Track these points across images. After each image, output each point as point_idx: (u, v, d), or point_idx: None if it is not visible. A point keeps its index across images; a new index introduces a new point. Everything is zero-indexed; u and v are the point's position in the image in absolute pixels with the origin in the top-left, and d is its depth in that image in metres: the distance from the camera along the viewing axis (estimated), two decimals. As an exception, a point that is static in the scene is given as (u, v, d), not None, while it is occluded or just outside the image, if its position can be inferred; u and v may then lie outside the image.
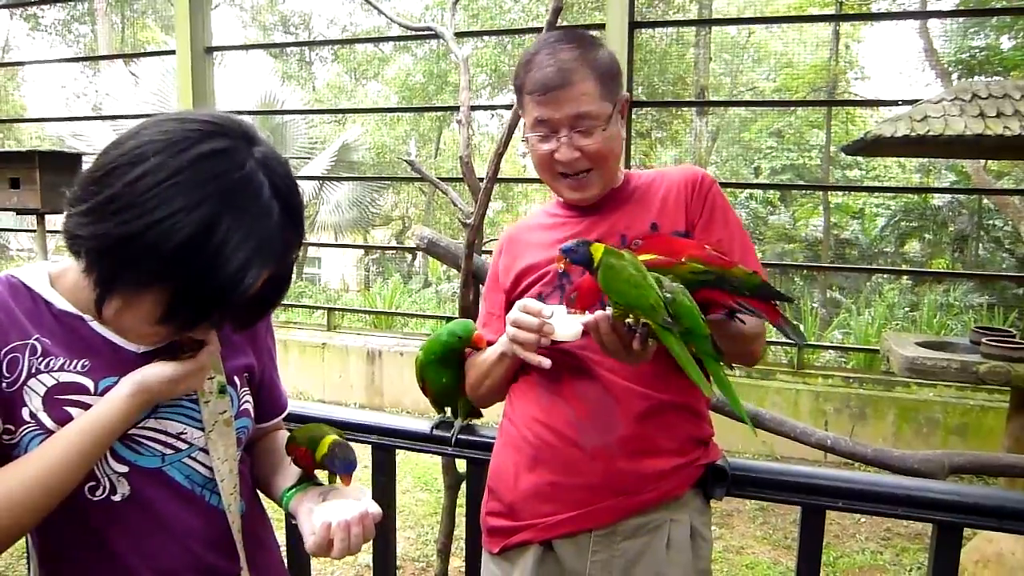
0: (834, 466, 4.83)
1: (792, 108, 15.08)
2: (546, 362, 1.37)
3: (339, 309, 9.01)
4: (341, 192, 13.61)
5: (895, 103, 5.02)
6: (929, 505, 1.42)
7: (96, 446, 0.96)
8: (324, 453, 1.14)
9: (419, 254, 16.09)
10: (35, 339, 0.97)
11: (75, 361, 1.00)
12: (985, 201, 12.31)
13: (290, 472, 1.23)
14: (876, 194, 14.60)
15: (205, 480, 1.09)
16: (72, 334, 1.01)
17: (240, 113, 1.05)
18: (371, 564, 1.89)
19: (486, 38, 16.20)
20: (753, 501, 4.76)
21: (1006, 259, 12.73)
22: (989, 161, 10.60)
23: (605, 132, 1.45)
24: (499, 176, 2.78)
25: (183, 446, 1.06)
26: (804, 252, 14.64)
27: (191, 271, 0.90)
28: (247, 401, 1.17)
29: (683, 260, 1.32)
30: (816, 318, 9.27)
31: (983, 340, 3.39)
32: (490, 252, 5.19)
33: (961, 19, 11.64)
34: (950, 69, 12.02)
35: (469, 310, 2.87)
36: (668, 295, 1.22)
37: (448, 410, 1.75)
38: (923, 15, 12.52)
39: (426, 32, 3.84)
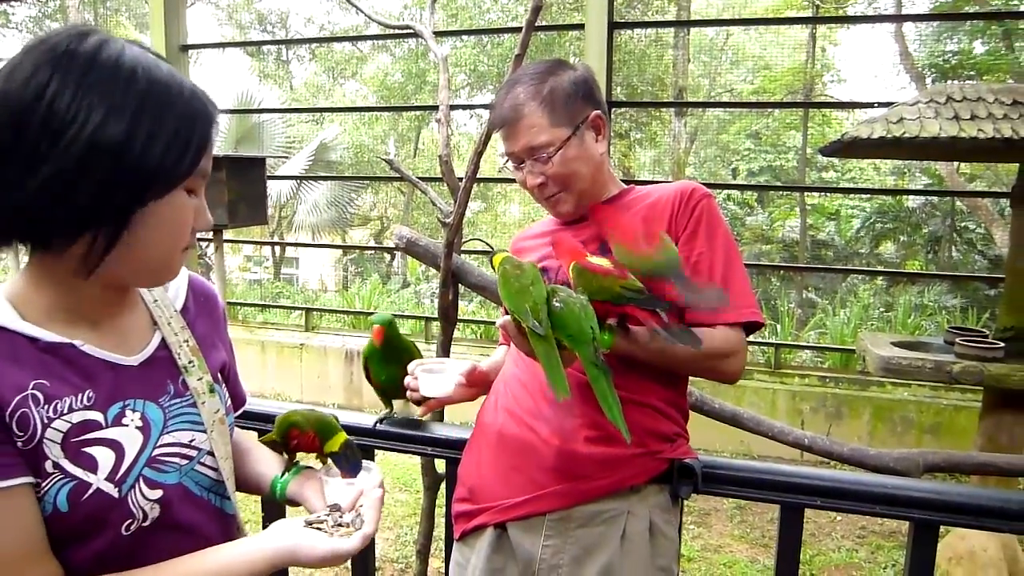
0: (811, 465, 4.87)
1: (769, 110, 15.23)
2: (419, 412, 1.69)
3: (317, 310, 8.94)
4: (319, 192, 13.55)
5: (871, 105, 5.07)
6: (907, 503, 1.43)
7: None
8: (335, 450, 1.18)
9: (397, 254, 16.04)
10: (33, 387, 0.87)
11: (80, 396, 0.91)
12: (958, 203, 12.51)
13: (266, 460, 1.24)
14: (851, 196, 14.81)
15: (211, 483, 1.05)
16: (68, 367, 0.92)
17: (220, 111, 1.00)
18: (349, 565, 1.87)
19: (465, 38, 16.17)
20: (731, 500, 4.79)
21: (979, 260, 12.94)
22: (962, 164, 10.78)
23: (560, 157, 1.52)
24: (478, 176, 2.77)
25: (193, 453, 1.02)
26: (781, 253, 14.79)
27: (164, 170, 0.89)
28: (227, 398, 1.14)
29: (618, 276, 1.34)
30: (792, 318, 9.36)
31: (957, 340, 3.43)
32: (470, 252, 5.19)
33: (935, 23, 11.84)
34: (924, 72, 12.19)
35: (448, 310, 2.86)
36: (558, 304, 1.27)
37: (396, 404, 1.76)
38: (898, 18, 12.68)
39: (405, 31, 3.82)
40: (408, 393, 1.63)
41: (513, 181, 1.67)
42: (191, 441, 1.02)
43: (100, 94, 0.84)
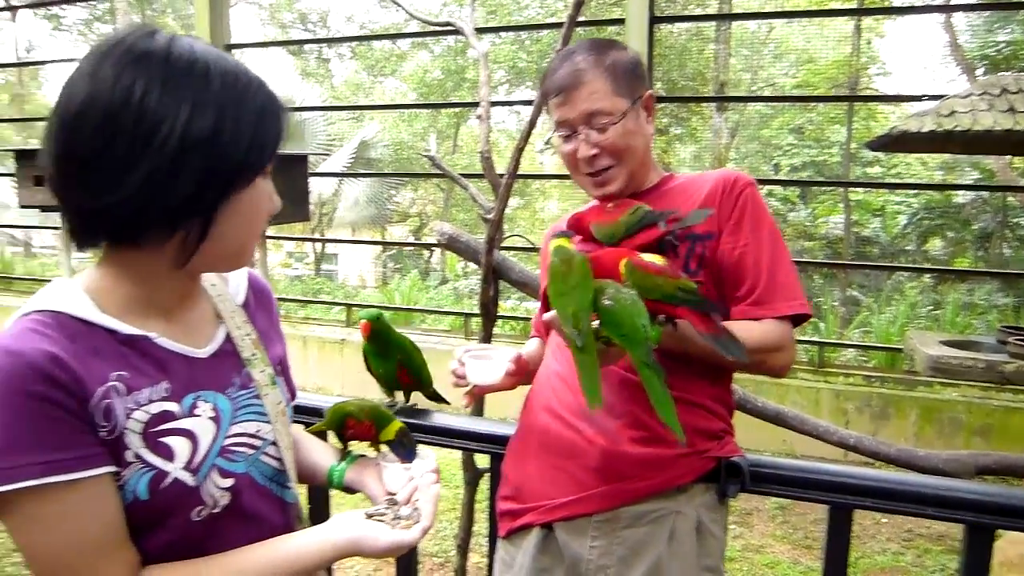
0: (856, 466, 4.78)
1: (813, 104, 14.93)
2: (465, 403, 1.64)
3: (357, 305, 9.02)
4: (359, 189, 13.69)
5: (919, 98, 4.94)
6: (960, 505, 1.39)
7: None
8: (391, 438, 1.23)
9: (436, 251, 16.14)
10: (115, 378, 0.89)
11: (157, 387, 0.94)
12: (1010, 199, 12.15)
13: (318, 450, 1.27)
14: (898, 191, 14.44)
15: (274, 473, 1.08)
16: (144, 358, 0.94)
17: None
18: (391, 559, 1.88)
19: (503, 34, 16.18)
20: (772, 500, 4.73)
21: (1031, 257, 12.56)
22: (1014, 157, 10.46)
23: (620, 127, 1.48)
24: (518, 172, 2.77)
25: (258, 443, 1.05)
26: (824, 250, 14.51)
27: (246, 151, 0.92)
28: (287, 390, 1.17)
29: (678, 275, 1.33)
30: (836, 316, 9.19)
31: (1010, 339, 3.34)
32: (510, 248, 5.19)
33: (986, 13, 11.48)
34: (975, 64, 11.86)
35: (489, 306, 2.86)
36: (608, 302, 1.24)
37: (399, 394, 1.79)
38: (947, 9, 12.34)
39: (445, 28, 3.83)
40: (454, 380, 1.59)
41: (552, 177, 1.66)
42: (257, 431, 1.05)
43: (184, 91, 0.87)
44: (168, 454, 0.92)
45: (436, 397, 1.85)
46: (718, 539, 1.44)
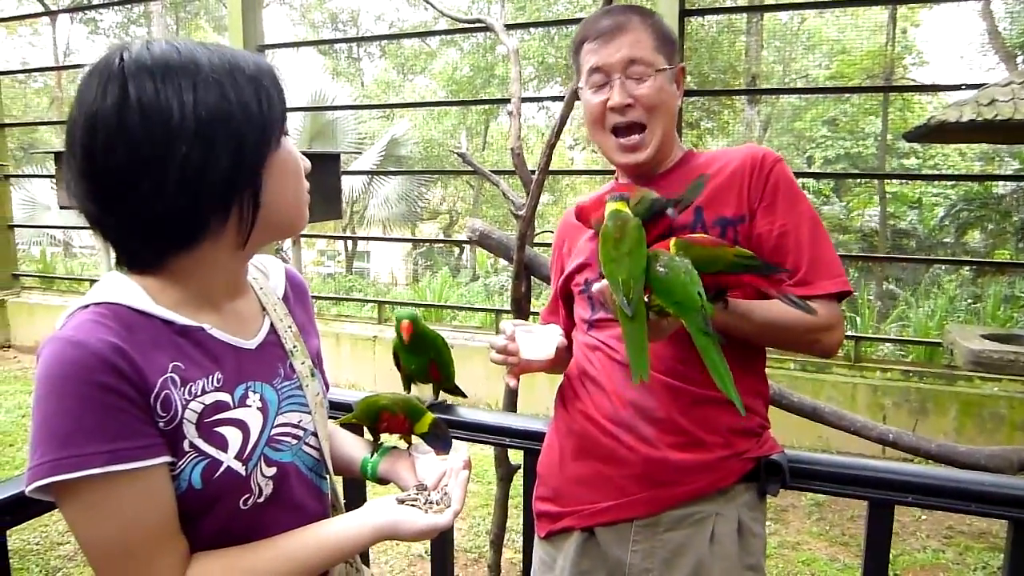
0: (895, 461, 4.71)
1: (847, 95, 14.69)
2: (512, 382, 1.49)
3: (389, 302, 9.08)
4: (390, 187, 13.76)
5: (957, 88, 4.85)
6: (1005, 501, 1.36)
7: (332, 562, 1.02)
8: (425, 431, 1.27)
9: (467, 248, 16.18)
10: (172, 369, 0.91)
11: (211, 378, 0.96)
12: (1052, 189, 11.85)
13: (350, 443, 1.30)
14: (935, 183, 14.16)
15: (314, 463, 1.10)
16: (198, 349, 0.96)
17: (291, 110, 1.04)
18: (424, 554, 1.90)
19: (532, 30, 16.16)
20: (809, 496, 4.67)
21: (1074, 249, 12.25)
22: (1057, 147, 10.20)
23: (658, 82, 1.45)
24: (549, 168, 2.76)
25: (301, 433, 1.08)
26: (859, 243, 14.30)
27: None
28: (324, 382, 1.19)
29: (729, 245, 1.31)
30: (873, 310, 9.04)
31: (1054, 332, 3.26)
32: (541, 244, 5.19)
33: (1026, -1, 11.21)
34: (1015, 52, 11.58)
35: (521, 302, 2.86)
36: (662, 269, 1.20)
37: (414, 388, 1.79)
38: (986, -4, 12.09)
39: (475, 25, 3.84)
40: (501, 357, 1.46)
41: (582, 173, 1.63)
42: (299, 422, 1.07)
43: (179, 79, 0.89)
44: (222, 444, 0.94)
45: (456, 391, 1.86)
46: (759, 537, 1.43)
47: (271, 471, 1.00)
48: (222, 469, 0.93)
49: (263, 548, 0.98)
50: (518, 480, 1.91)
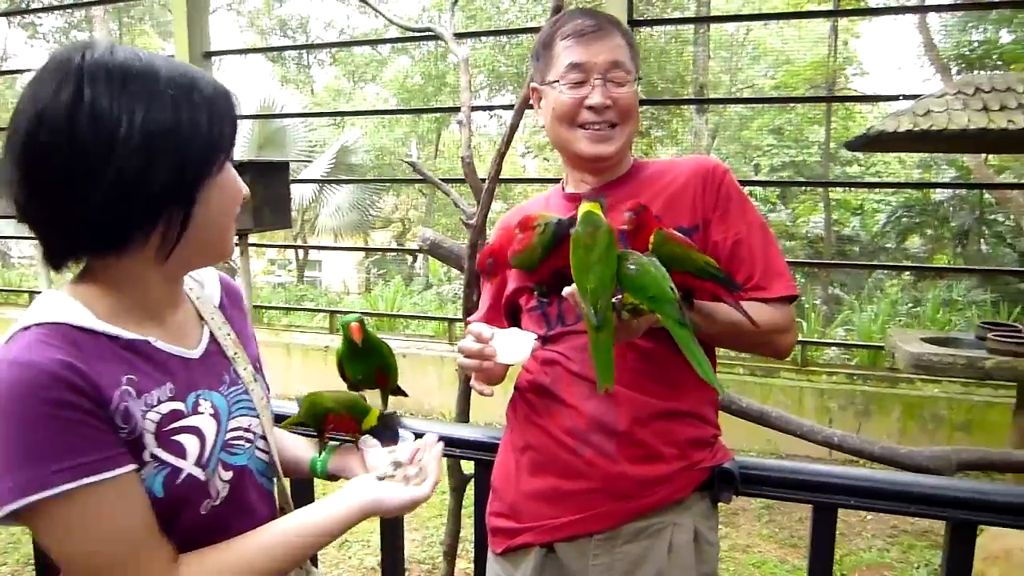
0: (840, 464, 4.81)
1: (791, 105, 15.05)
2: (487, 391, 1.44)
3: (341, 312, 8.97)
4: (341, 195, 13.60)
5: (895, 98, 4.99)
6: (943, 502, 1.40)
7: (321, 544, 1.05)
8: (374, 424, 1.30)
9: (420, 256, 16.08)
10: (126, 382, 0.91)
11: (163, 388, 0.96)
12: (987, 196, 12.29)
13: (294, 445, 1.32)
14: (876, 190, 14.58)
15: (264, 467, 1.12)
16: (147, 362, 0.96)
17: (240, 118, 1.04)
18: (377, 567, 1.88)
19: (483, 39, 16.18)
20: (759, 500, 4.75)
21: (1008, 254, 12.71)
22: (990, 155, 10.59)
23: (633, 89, 1.48)
24: (500, 177, 2.76)
25: (252, 437, 1.09)
26: (805, 249, 14.62)
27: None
28: (267, 387, 1.20)
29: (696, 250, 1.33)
30: (819, 315, 9.25)
31: (989, 335, 3.38)
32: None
33: (960, 13, 11.62)
34: (950, 64, 12.00)
35: (473, 311, 2.85)
36: (633, 267, 1.21)
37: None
38: (921, 9, 12.48)
39: (425, 33, 3.83)
40: (476, 362, 1.39)
41: (534, 181, 1.62)
42: (249, 426, 1.09)
43: (135, 90, 0.89)
44: (180, 452, 0.95)
45: (397, 391, 1.86)
46: (713, 545, 1.45)
47: (228, 475, 1.02)
48: (183, 476, 0.94)
49: (251, 538, 1.00)
50: (471, 490, 1.90)
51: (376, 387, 1.72)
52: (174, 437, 0.95)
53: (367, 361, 1.66)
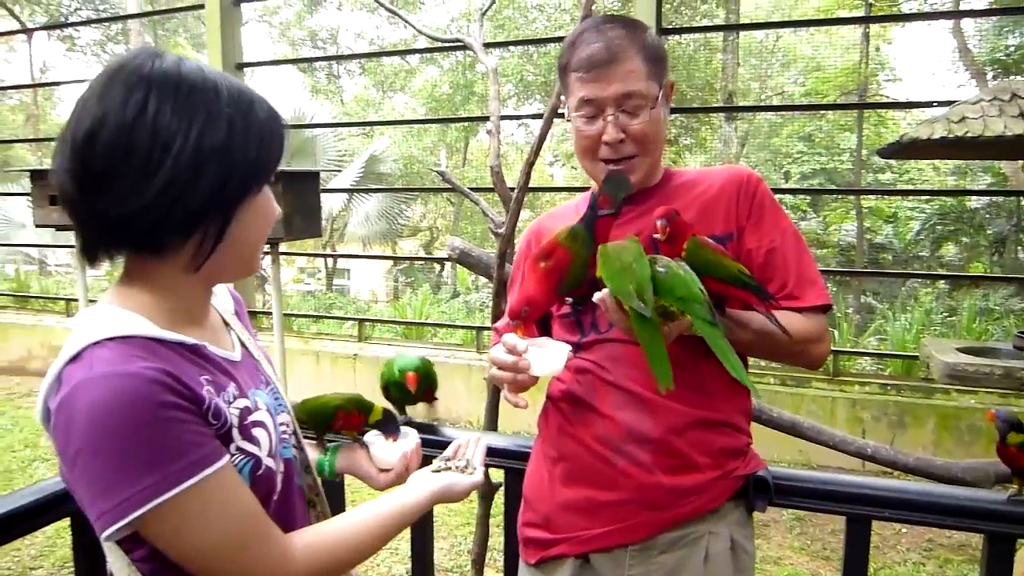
0: (873, 475, 4.74)
1: (822, 112, 14.90)
2: (521, 403, 1.36)
3: (370, 320, 9.04)
4: (370, 204, 13.71)
5: (929, 104, 4.93)
6: (980, 515, 1.38)
7: (403, 526, 1.14)
8: (379, 419, 1.37)
9: (447, 265, 16.16)
10: (205, 382, 0.96)
11: (231, 386, 1.01)
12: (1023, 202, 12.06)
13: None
14: (910, 197, 14.36)
15: (299, 463, 1.18)
16: (209, 363, 1.01)
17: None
18: (405, 574, 1.89)
19: (511, 49, 16.25)
20: (790, 511, 4.68)
21: (1047, 261, 12.46)
22: (1027, 162, 10.39)
23: (652, 113, 1.41)
24: (528, 185, 2.77)
25: (290, 433, 1.15)
26: (837, 257, 14.46)
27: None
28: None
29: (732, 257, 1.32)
30: (851, 324, 9.13)
31: (1027, 345, 3.30)
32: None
33: (995, 18, 11.44)
34: (985, 69, 11.81)
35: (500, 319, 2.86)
36: (661, 269, 1.22)
37: (408, 410, 1.87)
38: (956, 15, 12.34)
39: (454, 43, 3.86)
40: (508, 375, 1.35)
41: (562, 190, 1.61)
42: (287, 423, 1.15)
43: (196, 106, 0.93)
44: (258, 443, 1.01)
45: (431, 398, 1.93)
46: (749, 554, 1.44)
47: (282, 467, 1.07)
48: (263, 467, 1.01)
49: (349, 517, 1.09)
50: (499, 498, 1.90)
51: (416, 401, 1.82)
52: (252, 430, 1.01)
53: (416, 397, 1.78)
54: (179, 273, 0.99)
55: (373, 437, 1.37)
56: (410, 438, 1.36)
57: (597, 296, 1.26)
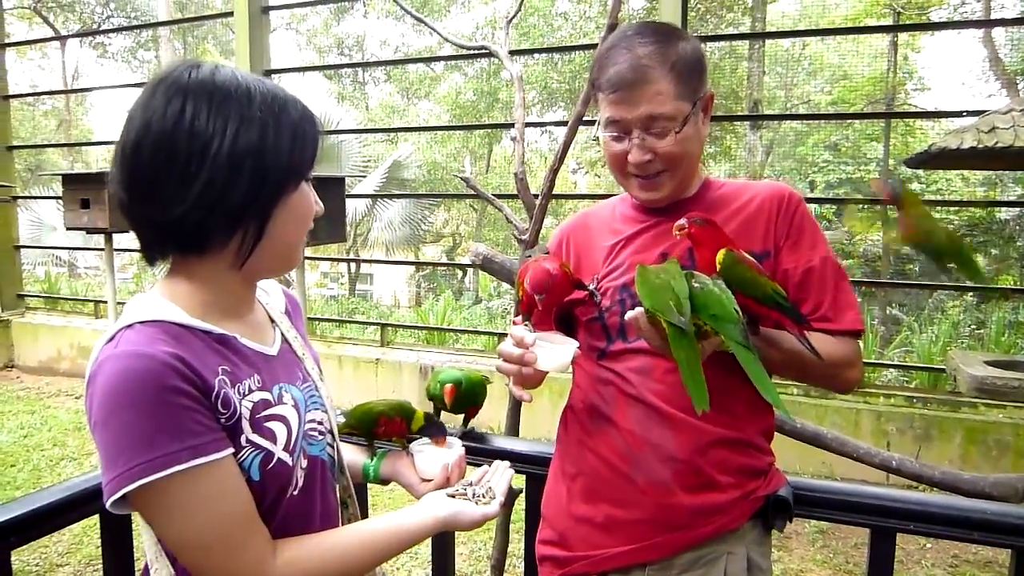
0: (898, 488, 4.66)
1: (849, 121, 14.75)
2: (526, 396, 1.40)
3: (392, 325, 9.08)
4: (393, 210, 13.78)
5: (959, 114, 4.88)
6: (1008, 530, 1.36)
7: (401, 549, 1.12)
8: (422, 424, 1.41)
9: (470, 271, 16.19)
10: (221, 371, 0.99)
11: (253, 378, 1.04)
12: (1055, 214, 11.85)
13: (348, 449, 1.41)
14: (938, 208, 14.16)
15: (332, 461, 1.19)
16: (236, 354, 1.04)
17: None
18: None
19: (536, 56, 16.28)
20: (813, 523, 4.63)
21: (1078, 274, 12.22)
22: (1059, 173, 10.21)
23: (680, 134, 1.37)
24: (552, 192, 2.78)
25: (323, 431, 1.16)
26: (862, 268, 14.29)
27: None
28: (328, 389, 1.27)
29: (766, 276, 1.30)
30: (876, 336, 9.02)
31: (1058, 359, 3.25)
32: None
33: (1027, 27, 11.28)
34: (1016, 79, 11.64)
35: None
36: (697, 285, 1.21)
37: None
38: (987, 24, 12.18)
39: (479, 51, 3.88)
40: (516, 367, 1.36)
41: (585, 197, 1.61)
42: (321, 420, 1.17)
43: (229, 111, 0.98)
44: (272, 437, 1.03)
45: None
46: (765, 572, 1.42)
47: (305, 463, 1.09)
48: (275, 460, 1.02)
49: (341, 533, 1.09)
50: (519, 504, 1.90)
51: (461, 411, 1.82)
52: (266, 424, 1.03)
53: (455, 411, 1.78)
54: (222, 270, 1.04)
55: (421, 446, 1.40)
56: (454, 449, 1.37)
57: (630, 315, 1.25)
